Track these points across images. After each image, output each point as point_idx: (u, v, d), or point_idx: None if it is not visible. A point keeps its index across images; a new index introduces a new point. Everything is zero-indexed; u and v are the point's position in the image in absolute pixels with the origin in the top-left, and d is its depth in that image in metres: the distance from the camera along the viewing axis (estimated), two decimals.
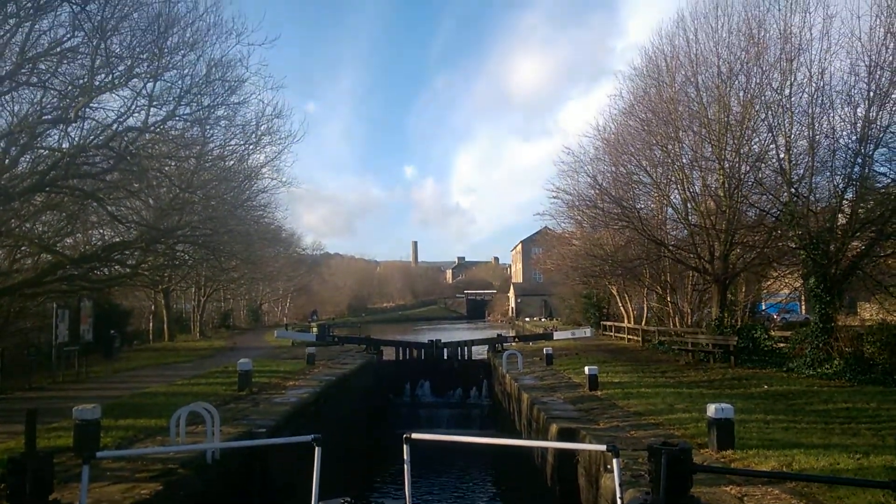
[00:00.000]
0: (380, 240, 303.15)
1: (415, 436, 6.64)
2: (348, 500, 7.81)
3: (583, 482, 11.32)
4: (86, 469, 6.18)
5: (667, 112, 25.01)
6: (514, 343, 34.06)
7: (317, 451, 6.64)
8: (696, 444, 10.27)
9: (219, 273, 40.21)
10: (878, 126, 19.34)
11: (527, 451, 16.45)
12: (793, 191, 21.05)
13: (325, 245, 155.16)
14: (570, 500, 11.75)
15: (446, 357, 30.66)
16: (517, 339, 36.35)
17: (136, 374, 22.60)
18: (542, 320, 69.74)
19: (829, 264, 20.36)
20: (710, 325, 26.31)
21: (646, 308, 39.39)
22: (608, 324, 42.28)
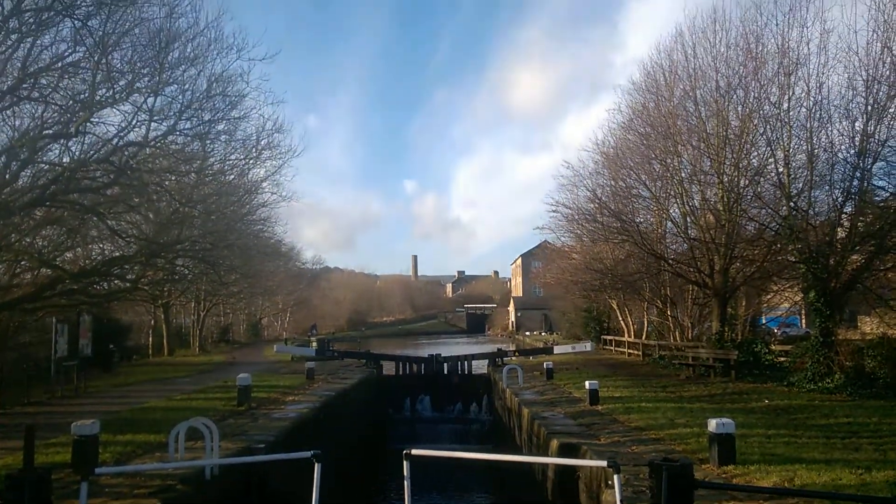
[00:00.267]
0: (380, 254, 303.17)
1: (415, 452, 6.62)
2: None
3: (584, 498, 11.25)
4: (84, 485, 6.16)
5: (665, 126, 25.10)
6: (514, 357, 34.02)
7: (316, 467, 6.62)
8: (697, 460, 10.23)
9: (218, 287, 40.15)
10: (877, 140, 19.39)
11: (527, 466, 16.37)
12: (792, 205, 21.07)
13: (325, 259, 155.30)
14: None
15: (446, 372, 30.57)
16: (517, 354, 36.28)
17: (135, 389, 22.51)
18: (543, 334, 69.59)
19: (829, 278, 20.35)
20: (711, 339, 26.27)
21: (646, 322, 39.32)
22: (608, 338, 42.19)
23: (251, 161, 24.12)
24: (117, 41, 16.64)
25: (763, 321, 35.45)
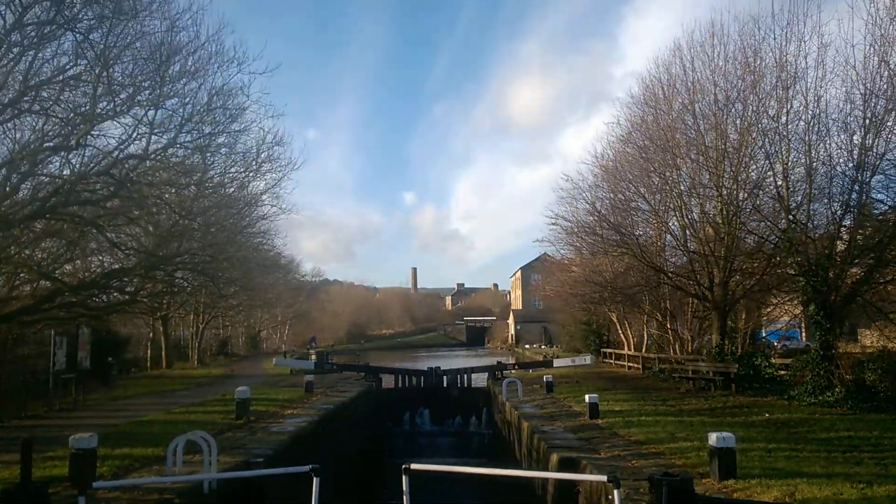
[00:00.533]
0: (379, 266, 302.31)
1: (414, 466, 6.59)
2: None
3: None
4: (81, 500, 6.13)
5: (664, 139, 25.16)
6: (513, 370, 33.95)
7: (315, 482, 6.58)
8: (697, 474, 10.18)
9: (217, 300, 40.12)
10: (875, 153, 19.44)
11: (527, 480, 16.28)
12: (791, 218, 21.10)
13: (324, 272, 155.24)
14: None
15: (446, 385, 30.50)
16: (517, 367, 36.23)
17: (134, 402, 22.44)
18: (542, 347, 69.48)
19: (829, 291, 20.34)
20: (711, 352, 26.22)
21: (646, 335, 39.24)
22: (608, 351, 42.11)
23: (251, 174, 24.16)
24: (118, 54, 16.70)
25: (763, 334, 35.39)
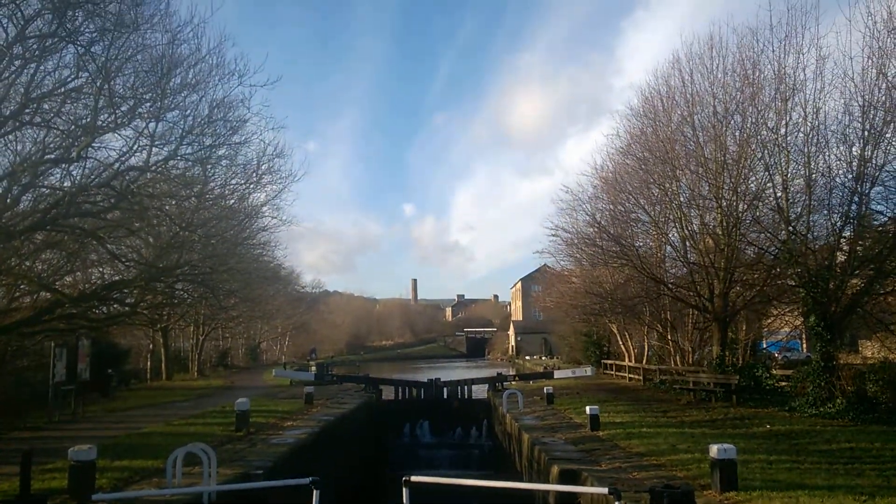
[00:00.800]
0: (379, 277, 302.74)
1: (414, 478, 6.58)
2: None
3: None
4: None
5: (664, 151, 25.22)
6: (514, 382, 33.89)
7: (315, 494, 6.57)
8: (698, 486, 10.15)
9: (218, 311, 40.06)
10: (874, 165, 19.49)
11: (528, 492, 16.21)
12: (791, 229, 21.12)
13: (324, 283, 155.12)
14: None
15: (446, 396, 30.42)
16: (517, 378, 36.16)
17: (133, 414, 22.39)
18: (543, 359, 69.34)
19: (829, 302, 20.34)
20: (712, 363, 26.16)
21: (646, 346, 39.18)
22: (609, 362, 42.02)
23: (252, 185, 24.23)
24: (120, 67, 16.77)
25: (764, 345, 35.30)
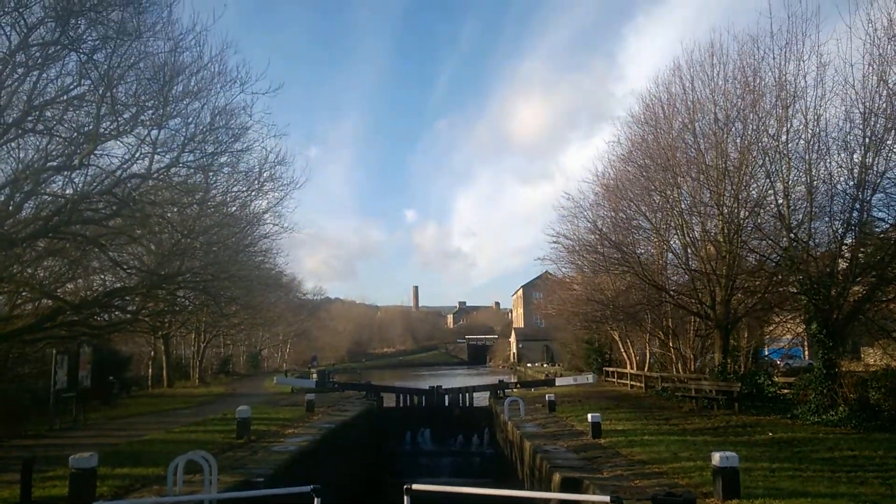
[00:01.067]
0: (381, 283, 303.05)
1: (416, 486, 6.57)
2: None
3: None
4: None
5: (665, 158, 25.24)
6: (515, 389, 33.80)
7: (316, 502, 6.56)
8: (700, 494, 10.13)
9: (219, 319, 40.08)
10: (875, 172, 19.46)
11: (529, 501, 16.16)
12: (792, 236, 21.11)
13: (325, 290, 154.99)
14: None
15: (447, 404, 30.36)
16: (519, 385, 36.06)
17: (135, 421, 22.36)
18: (545, 366, 69.25)
19: (831, 309, 20.30)
20: (714, 371, 26.11)
21: (648, 354, 39.13)
22: (610, 369, 41.94)
23: (253, 193, 24.25)
24: (122, 75, 16.84)
25: (766, 353, 35.25)
